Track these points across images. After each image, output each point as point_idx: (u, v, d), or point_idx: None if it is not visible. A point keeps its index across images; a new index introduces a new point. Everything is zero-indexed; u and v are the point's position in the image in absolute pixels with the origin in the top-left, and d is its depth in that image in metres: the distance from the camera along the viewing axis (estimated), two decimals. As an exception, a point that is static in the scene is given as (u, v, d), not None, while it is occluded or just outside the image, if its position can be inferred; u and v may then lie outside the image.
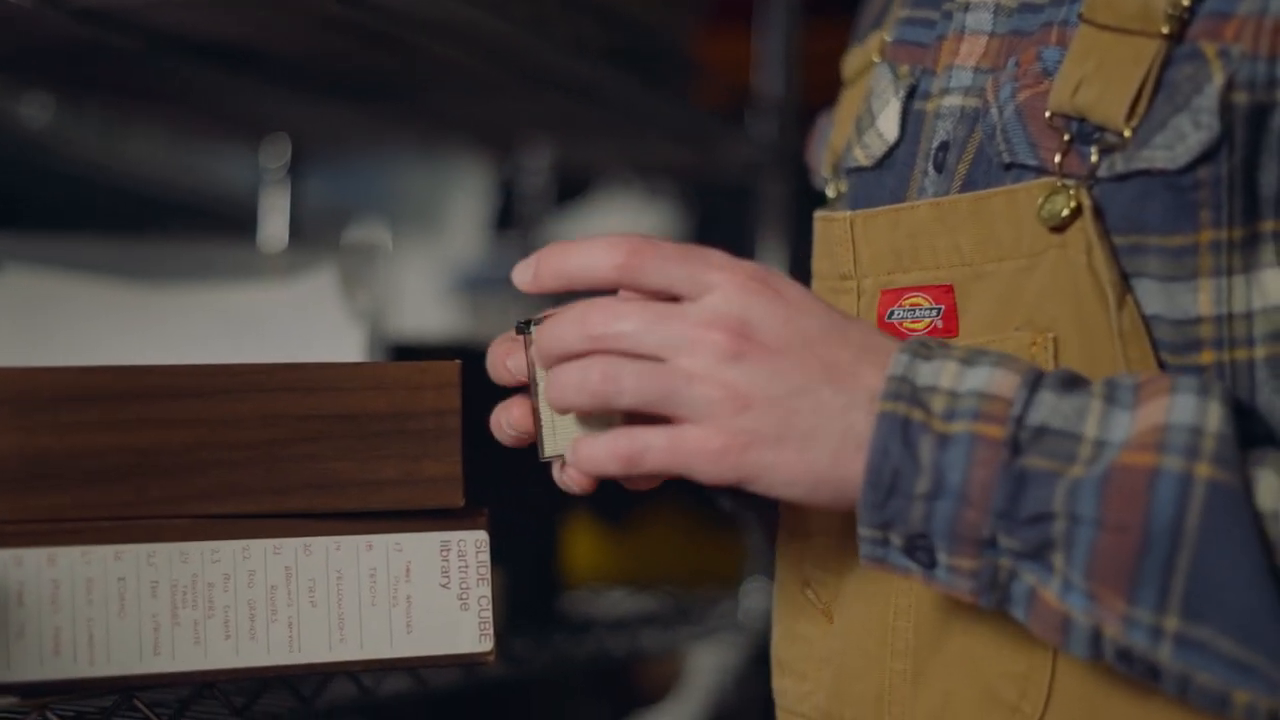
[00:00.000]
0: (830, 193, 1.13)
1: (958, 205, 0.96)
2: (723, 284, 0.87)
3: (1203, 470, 0.80)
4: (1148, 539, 0.80)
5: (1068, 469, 0.82)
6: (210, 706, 1.15)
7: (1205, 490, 0.80)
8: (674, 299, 0.89)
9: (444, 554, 1.03)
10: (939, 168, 1.00)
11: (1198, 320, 0.89)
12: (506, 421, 0.98)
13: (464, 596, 1.04)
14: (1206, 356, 0.90)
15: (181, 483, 0.99)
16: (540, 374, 0.95)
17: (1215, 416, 0.82)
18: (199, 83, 1.74)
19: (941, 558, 0.85)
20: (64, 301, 1.39)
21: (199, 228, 2.27)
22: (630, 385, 0.88)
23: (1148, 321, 0.90)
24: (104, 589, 0.98)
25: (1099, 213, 0.91)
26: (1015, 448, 0.83)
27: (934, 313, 0.97)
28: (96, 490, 0.98)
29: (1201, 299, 0.89)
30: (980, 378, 0.85)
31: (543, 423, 0.96)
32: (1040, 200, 0.92)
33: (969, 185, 0.98)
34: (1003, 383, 0.85)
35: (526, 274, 0.94)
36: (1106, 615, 0.82)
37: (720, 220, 2.56)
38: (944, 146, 1.00)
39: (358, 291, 1.48)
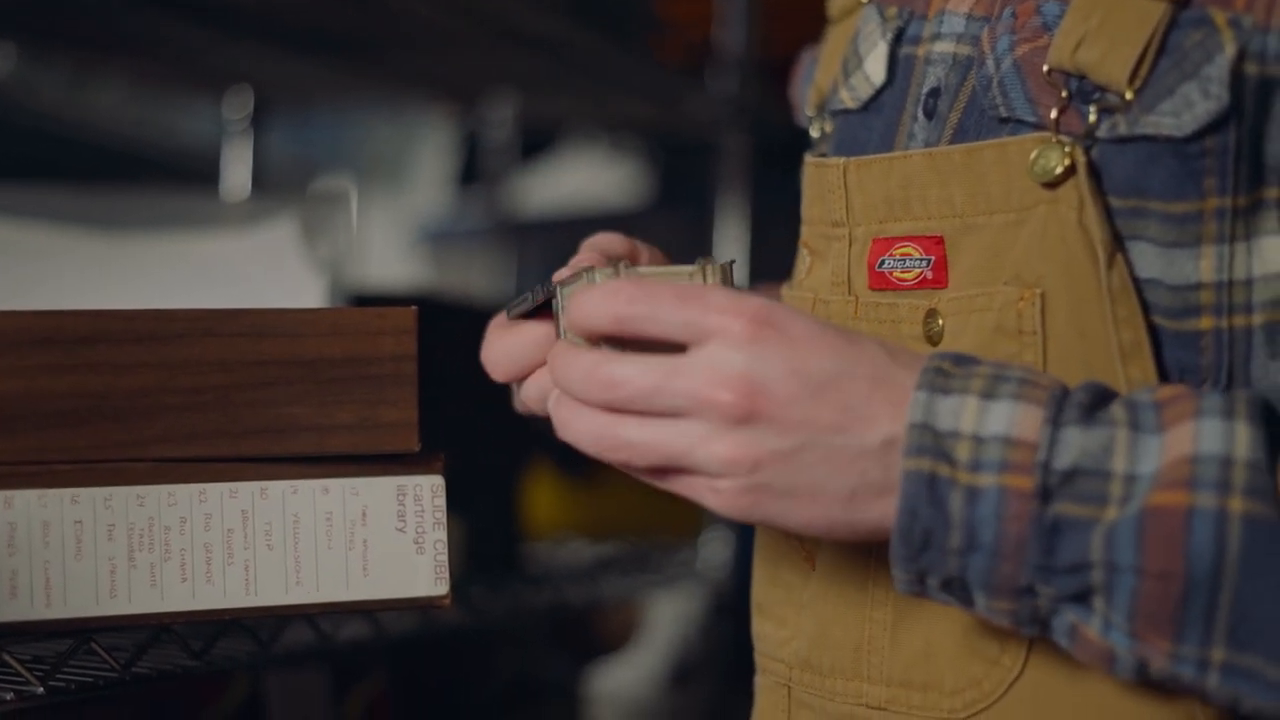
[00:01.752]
0: (814, 133, 1.11)
1: (951, 156, 0.95)
2: (723, 331, 0.85)
3: (1236, 505, 0.79)
4: (1189, 584, 0.80)
5: (1102, 512, 0.81)
6: (168, 650, 1.15)
7: (1241, 527, 0.79)
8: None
9: (400, 498, 1.04)
10: (929, 114, 0.99)
11: (1198, 286, 0.89)
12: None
13: (420, 540, 1.04)
14: (1205, 322, 0.89)
15: (138, 426, 0.99)
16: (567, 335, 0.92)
17: (1243, 442, 0.81)
18: (163, 34, 1.74)
19: (979, 600, 0.85)
20: (26, 250, 1.39)
21: (162, 179, 2.27)
22: (640, 455, 0.87)
23: (1141, 284, 0.89)
24: (60, 532, 0.98)
25: (1094, 171, 0.90)
26: (1045, 496, 0.82)
27: (924, 263, 0.96)
28: (53, 433, 0.98)
29: (1203, 265, 0.89)
30: (1002, 419, 0.83)
31: None
32: (1033, 155, 0.91)
33: (960, 134, 0.97)
34: (1025, 422, 0.83)
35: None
36: (1152, 652, 0.82)
37: (684, 174, 2.57)
38: (935, 93, 0.99)
39: (319, 241, 1.49)
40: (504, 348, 1.03)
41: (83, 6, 1.56)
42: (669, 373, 0.85)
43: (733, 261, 0.93)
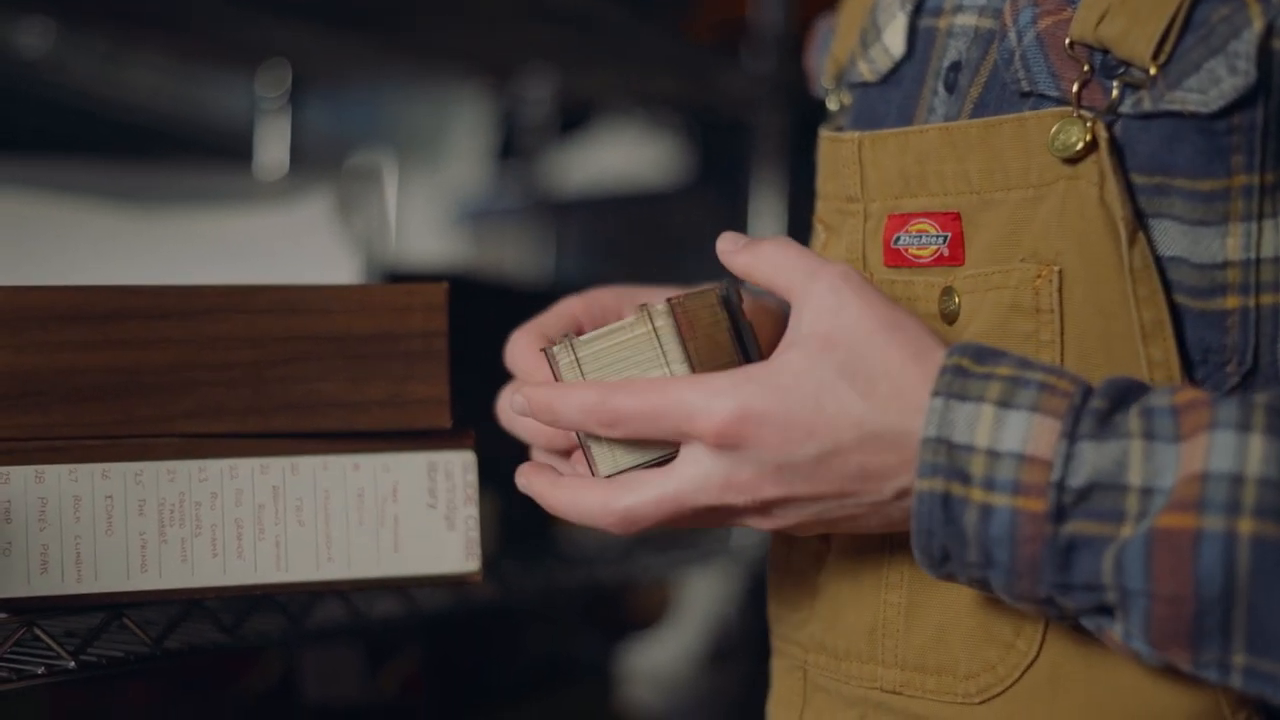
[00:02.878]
0: (832, 105, 1.10)
1: (967, 131, 0.94)
2: (701, 438, 0.87)
3: (1245, 526, 0.78)
4: (1200, 606, 0.79)
5: (1117, 529, 0.81)
6: (200, 625, 1.16)
7: (1250, 548, 0.78)
8: None
9: (431, 474, 1.04)
10: (950, 88, 0.99)
11: (1224, 265, 0.88)
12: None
13: (451, 517, 1.04)
14: (1231, 301, 0.88)
15: (168, 402, 0.99)
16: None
17: (1256, 456, 0.79)
18: (199, 9, 1.74)
19: (1006, 598, 0.86)
20: (62, 225, 1.40)
21: (197, 155, 2.27)
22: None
23: (1164, 262, 0.88)
24: (91, 507, 0.98)
25: (1116, 147, 0.89)
26: (1059, 516, 0.81)
27: (940, 240, 0.95)
28: (84, 408, 0.98)
29: (1229, 243, 0.88)
30: (1018, 434, 0.83)
31: (590, 444, 0.93)
32: (1053, 130, 0.90)
33: (980, 108, 0.96)
34: (1041, 438, 0.82)
35: (519, 403, 0.94)
36: (1174, 659, 0.82)
37: (722, 151, 2.56)
38: (955, 67, 0.98)
39: (353, 218, 1.49)
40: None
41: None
42: (664, 481, 0.89)
43: (679, 298, 0.92)
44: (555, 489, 0.93)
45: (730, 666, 2.22)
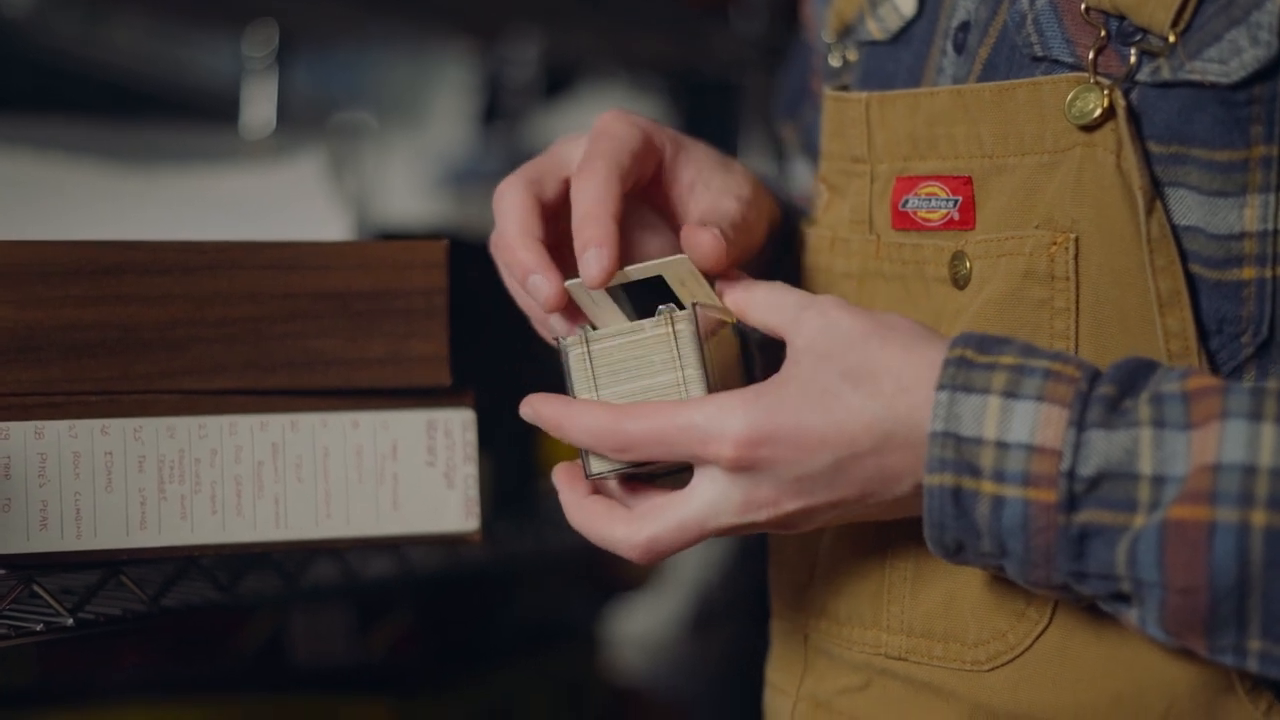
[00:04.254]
0: (834, 61, 1.08)
1: (980, 94, 0.93)
2: (716, 461, 0.86)
3: (1259, 518, 0.78)
4: (1215, 597, 0.79)
5: (1130, 518, 0.81)
6: (196, 584, 1.15)
7: (1264, 539, 0.78)
8: None
9: (430, 432, 1.04)
10: (959, 48, 0.97)
11: (1241, 235, 0.87)
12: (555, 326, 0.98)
13: (450, 475, 1.04)
14: (1248, 272, 0.88)
15: (167, 358, 0.99)
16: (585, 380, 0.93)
17: (1269, 447, 0.79)
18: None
19: (1022, 584, 0.86)
20: (51, 183, 1.39)
21: (183, 115, 2.26)
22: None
23: (1179, 232, 0.88)
24: (91, 463, 0.98)
25: (1133, 115, 0.88)
26: (1071, 505, 0.81)
27: (951, 204, 0.95)
28: (83, 364, 0.98)
29: (1247, 214, 0.87)
30: (1026, 424, 0.82)
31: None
32: (1070, 97, 0.89)
33: (989, 70, 0.95)
34: (1049, 427, 0.82)
35: (526, 413, 0.95)
36: (1190, 645, 0.82)
37: (708, 114, 2.56)
38: (965, 27, 0.97)
39: (345, 175, 1.48)
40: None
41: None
42: (684, 507, 0.89)
43: (693, 305, 0.91)
44: (578, 511, 0.94)
45: (717, 630, 2.22)
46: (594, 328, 0.93)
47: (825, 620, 1.01)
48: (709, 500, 0.88)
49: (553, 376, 0.96)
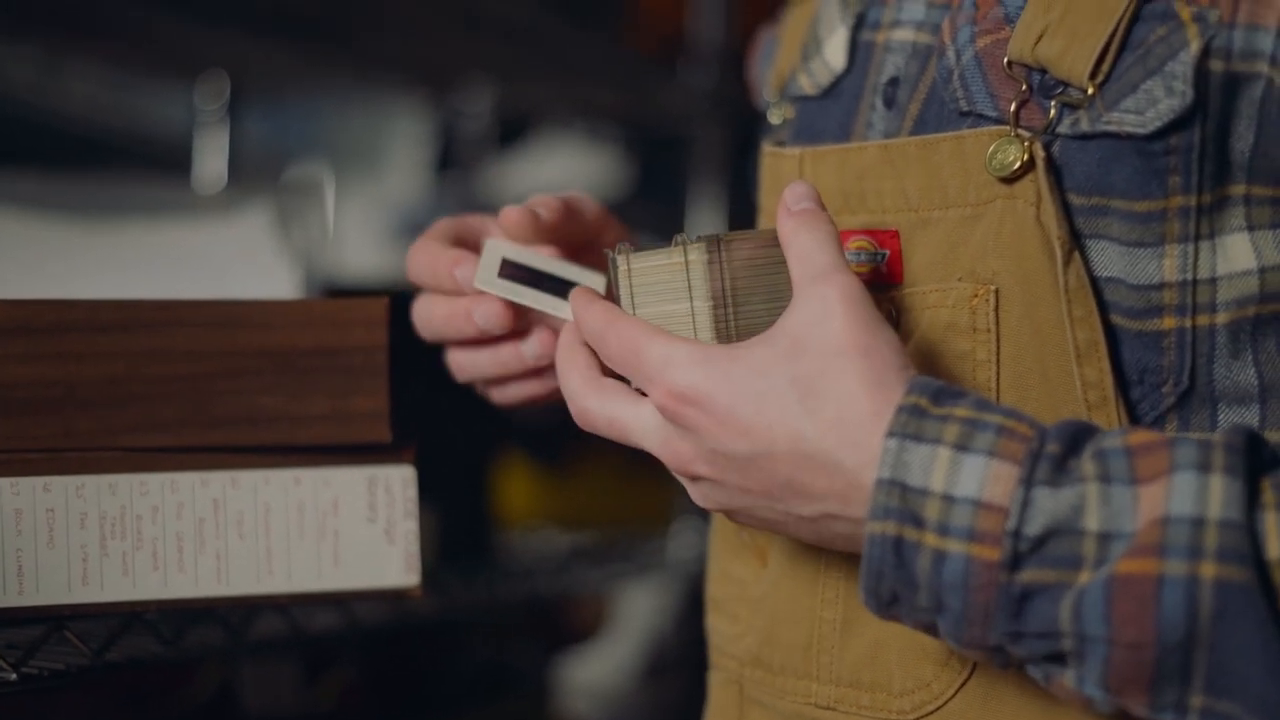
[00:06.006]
0: (774, 119, 1.09)
1: (906, 149, 0.94)
2: (651, 397, 0.88)
3: (1208, 570, 0.77)
4: (1161, 652, 0.78)
5: (1074, 575, 0.80)
6: (140, 638, 1.15)
7: (1213, 592, 0.77)
8: None
9: (371, 489, 1.04)
10: (889, 103, 0.98)
11: (1161, 285, 0.88)
12: (479, 314, 1.02)
13: (390, 531, 1.05)
14: (1168, 322, 0.88)
15: (109, 415, 1.00)
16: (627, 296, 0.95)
17: (1217, 498, 0.78)
18: (136, 19, 1.74)
19: (952, 644, 0.85)
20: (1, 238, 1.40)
21: (136, 166, 2.27)
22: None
23: (1102, 283, 0.88)
24: (33, 520, 0.98)
25: (1053, 167, 0.89)
26: (1014, 564, 0.80)
27: (878, 258, 0.95)
28: (25, 422, 0.98)
29: (1166, 264, 0.87)
30: (974, 479, 0.81)
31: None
32: (991, 149, 0.90)
33: (920, 125, 0.96)
34: (998, 484, 0.81)
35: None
36: (1129, 704, 0.81)
37: (662, 164, 2.57)
38: (894, 82, 0.98)
39: (293, 231, 1.49)
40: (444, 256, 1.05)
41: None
42: (628, 423, 0.90)
43: (715, 237, 0.91)
44: (568, 348, 0.95)
45: (667, 679, 2.23)
46: None
47: (759, 670, 1.01)
48: (642, 419, 0.89)
49: (494, 428, 0.97)
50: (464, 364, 1.07)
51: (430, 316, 1.05)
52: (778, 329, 0.86)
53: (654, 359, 0.87)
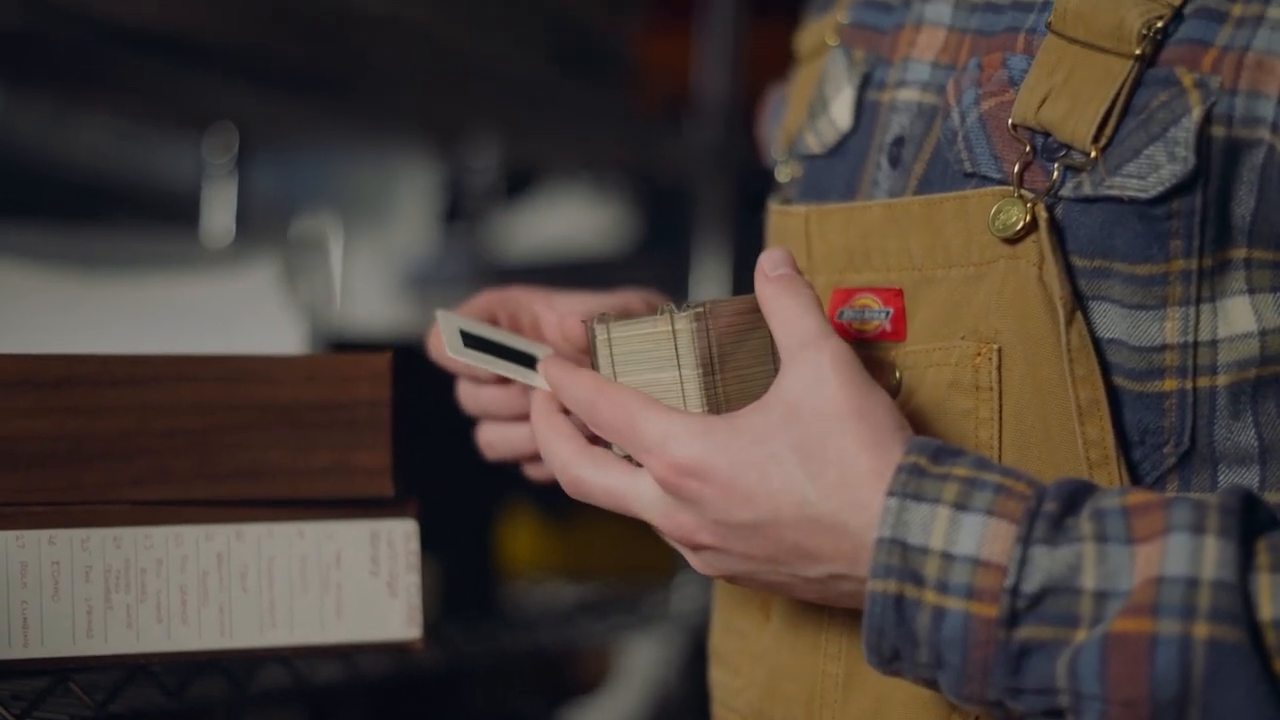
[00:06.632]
0: (782, 177, 1.11)
1: (910, 208, 0.95)
2: (651, 471, 0.89)
3: (1201, 630, 0.78)
4: (1155, 711, 0.79)
5: (1071, 633, 0.81)
6: (144, 690, 1.16)
7: (1205, 652, 0.78)
8: None
9: (374, 542, 1.05)
10: (894, 162, 0.99)
11: (1162, 348, 0.89)
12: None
13: (393, 584, 1.05)
14: (1169, 384, 0.89)
15: (115, 468, 1.00)
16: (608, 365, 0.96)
17: (1211, 559, 0.79)
18: (145, 73, 1.75)
19: (953, 699, 0.86)
20: (6, 289, 1.40)
21: (144, 218, 2.27)
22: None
23: (1104, 344, 0.89)
24: (38, 572, 0.99)
25: (1056, 228, 0.90)
26: (1012, 621, 0.81)
27: (883, 315, 0.96)
28: (31, 475, 0.99)
29: (1168, 327, 0.88)
30: (973, 537, 0.82)
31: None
32: (994, 210, 0.91)
33: (925, 185, 0.97)
34: (996, 542, 0.82)
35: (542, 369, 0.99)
36: None
37: (667, 216, 2.58)
38: (899, 141, 0.99)
39: (300, 285, 1.50)
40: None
41: (67, 46, 1.57)
42: (626, 494, 0.91)
43: (700, 306, 0.92)
44: (547, 417, 0.95)
45: (672, 731, 2.22)
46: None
47: None
48: (641, 491, 0.90)
49: (500, 480, 0.98)
50: (493, 441, 1.09)
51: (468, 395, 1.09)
52: (772, 397, 0.87)
53: (652, 432, 0.88)
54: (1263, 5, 0.87)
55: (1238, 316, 0.89)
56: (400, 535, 1.06)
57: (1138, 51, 0.88)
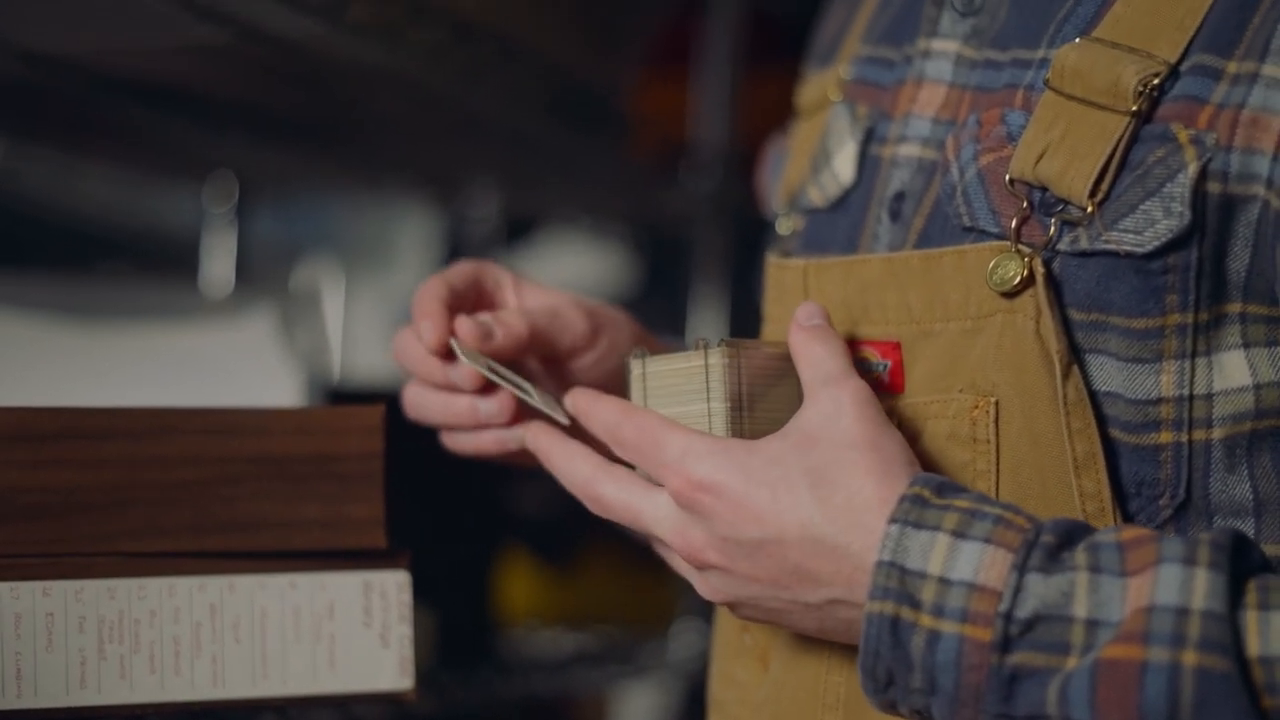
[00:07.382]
0: (783, 229, 1.12)
1: (909, 262, 0.96)
2: (667, 486, 0.91)
3: (1189, 659, 0.79)
4: None
5: (1062, 660, 0.82)
6: (138, 741, 1.16)
7: (1194, 679, 0.79)
8: None
9: (366, 594, 1.06)
10: (894, 217, 1.00)
11: (1158, 401, 0.90)
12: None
13: (385, 635, 1.06)
14: (1165, 437, 0.90)
15: (108, 521, 1.01)
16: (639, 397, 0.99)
17: (1201, 590, 0.80)
18: (146, 123, 1.76)
19: None
20: (6, 338, 1.41)
21: (145, 266, 2.28)
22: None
23: (1100, 397, 0.90)
24: (32, 624, 1.00)
25: (1053, 282, 0.91)
26: (1005, 646, 0.83)
27: (881, 368, 0.97)
28: (25, 527, 1.00)
29: (1164, 380, 0.89)
30: (970, 562, 0.84)
31: None
32: (992, 264, 0.92)
33: (925, 239, 0.98)
34: (992, 568, 0.83)
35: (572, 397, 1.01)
36: None
37: (666, 264, 2.58)
38: (900, 196, 1.00)
39: (297, 336, 1.50)
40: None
41: (68, 97, 1.58)
42: (643, 508, 0.93)
43: (735, 342, 0.96)
44: (562, 445, 0.98)
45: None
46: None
47: None
48: (656, 505, 0.92)
49: (497, 526, 0.99)
50: (416, 402, 1.09)
51: (404, 349, 1.09)
52: (791, 426, 0.90)
53: (673, 448, 0.91)
54: (1258, 63, 0.88)
55: (1233, 370, 0.90)
56: (393, 586, 1.06)
57: (1134, 108, 0.89)
